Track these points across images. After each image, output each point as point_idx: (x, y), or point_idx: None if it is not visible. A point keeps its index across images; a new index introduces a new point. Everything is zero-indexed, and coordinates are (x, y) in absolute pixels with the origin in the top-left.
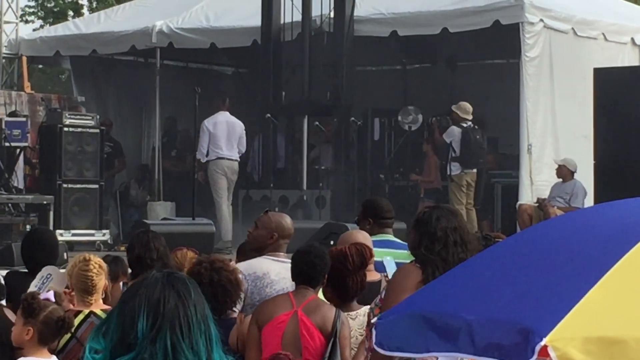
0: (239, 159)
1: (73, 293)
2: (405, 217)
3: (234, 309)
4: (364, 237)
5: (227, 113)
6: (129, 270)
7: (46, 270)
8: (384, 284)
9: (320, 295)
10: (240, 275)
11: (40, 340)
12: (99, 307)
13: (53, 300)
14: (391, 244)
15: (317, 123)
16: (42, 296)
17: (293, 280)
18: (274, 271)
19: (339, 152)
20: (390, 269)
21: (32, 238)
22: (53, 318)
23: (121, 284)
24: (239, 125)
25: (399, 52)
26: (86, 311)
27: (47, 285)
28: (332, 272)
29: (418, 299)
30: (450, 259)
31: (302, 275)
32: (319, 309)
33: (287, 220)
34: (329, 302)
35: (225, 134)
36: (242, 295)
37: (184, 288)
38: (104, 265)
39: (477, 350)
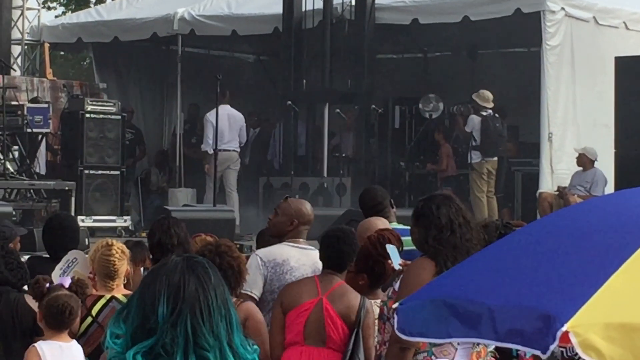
0: (238, 150)
1: (96, 278)
2: None
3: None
4: (383, 223)
5: (228, 106)
6: (150, 256)
7: (72, 254)
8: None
9: None
10: (253, 262)
11: (47, 324)
12: (120, 292)
13: (66, 286)
14: None
15: (337, 110)
16: (58, 281)
17: (321, 261)
18: (294, 258)
19: (359, 139)
20: (394, 256)
21: (53, 223)
22: (55, 304)
23: (142, 269)
24: (240, 117)
25: (420, 40)
26: (108, 296)
27: (72, 269)
28: (368, 258)
29: (439, 284)
30: (459, 243)
31: (330, 260)
32: (344, 297)
33: (307, 207)
34: (353, 290)
35: (227, 127)
36: (243, 284)
37: (204, 272)
38: (127, 250)
39: (498, 336)
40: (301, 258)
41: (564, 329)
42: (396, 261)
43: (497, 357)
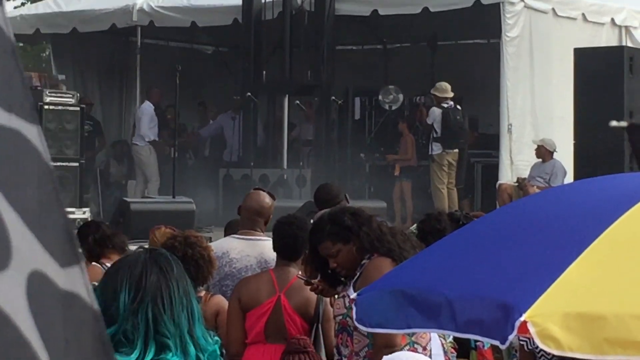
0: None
1: None
2: (385, 196)
3: (202, 287)
4: None
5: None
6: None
7: None
8: None
9: None
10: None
11: None
12: None
13: None
14: None
15: (297, 102)
16: None
17: (275, 252)
18: (235, 250)
19: (319, 131)
20: None
21: None
22: None
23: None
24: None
25: (379, 32)
26: None
27: None
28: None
29: (397, 275)
30: (393, 231)
31: (285, 249)
32: (301, 291)
33: (260, 197)
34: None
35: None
36: (214, 273)
37: (167, 264)
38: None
39: (458, 326)
40: (244, 249)
41: (522, 318)
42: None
43: (456, 348)
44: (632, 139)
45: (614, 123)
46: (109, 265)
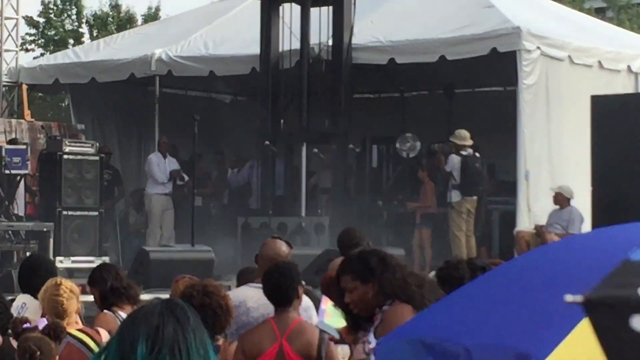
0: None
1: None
2: (403, 244)
3: (220, 335)
4: None
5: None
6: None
7: (20, 299)
8: None
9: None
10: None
11: None
12: (73, 328)
13: (40, 327)
14: None
15: (315, 150)
16: (37, 323)
17: (268, 299)
18: (252, 299)
19: (337, 179)
20: (329, 329)
21: (27, 265)
22: (21, 346)
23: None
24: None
25: (396, 80)
26: None
27: (22, 315)
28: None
29: (417, 324)
30: (418, 280)
31: (273, 296)
32: (302, 334)
33: (277, 247)
34: (311, 324)
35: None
36: (232, 322)
37: (183, 314)
38: (76, 289)
39: None
40: (262, 298)
41: None
42: (333, 332)
43: None
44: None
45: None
46: (120, 313)
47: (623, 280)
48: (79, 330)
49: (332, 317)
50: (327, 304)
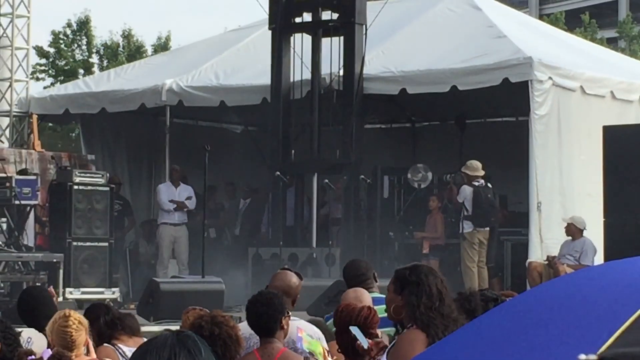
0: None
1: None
2: None
3: None
4: (361, 294)
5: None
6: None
7: (26, 333)
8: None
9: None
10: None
11: None
12: None
13: (45, 358)
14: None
15: (326, 181)
16: (42, 354)
17: (251, 329)
18: None
19: (348, 209)
20: (359, 336)
21: (24, 299)
22: None
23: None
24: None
25: (408, 110)
26: None
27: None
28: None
29: (430, 355)
30: (447, 312)
31: (255, 326)
32: None
33: (286, 277)
34: (295, 353)
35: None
36: (242, 353)
37: (195, 346)
38: (84, 321)
39: None
40: None
41: None
42: (363, 340)
43: None
44: None
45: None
46: (120, 346)
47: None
48: None
49: (310, 343)
50: (301, 333)
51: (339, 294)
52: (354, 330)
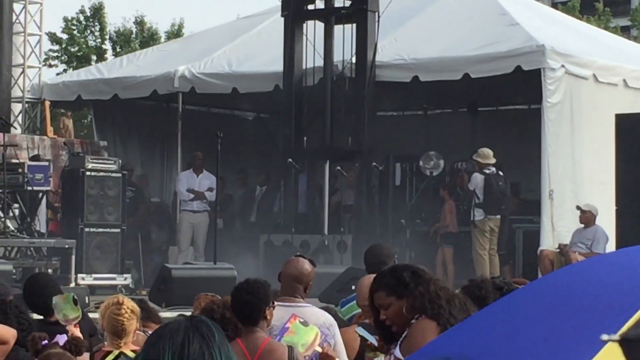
0: None
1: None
2: (426, 262)
3: None
4: None
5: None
6: None
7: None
8: None
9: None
10: None
11: None
12: (129, 348)
13: (61, 344)
14: None
15: (338, 168)
16: (54, 339)
17: (236, 317)
18: (274, 316)
19: (360, 197)
20: (367, 335)
21: (28, 285)
22: None
23: None
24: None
25: (420, 98)
26: (116, 352)
27: None
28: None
29: (443, 342)
30: (450, 299)
31: (239, 314)
32: (272, 353)
33: (299, 264)
34: (279, 342)
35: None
36: None
37: (208, 331)
38: (137, 309)
39: None
40: (284, 316)
41: None
42: (371, 338)
43: None
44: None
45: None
46: (148, 331)
47: None
48: (134, 351)
49: (295, 334)
50: (293, 321)
51: (350, 281)
52: (360, 331)
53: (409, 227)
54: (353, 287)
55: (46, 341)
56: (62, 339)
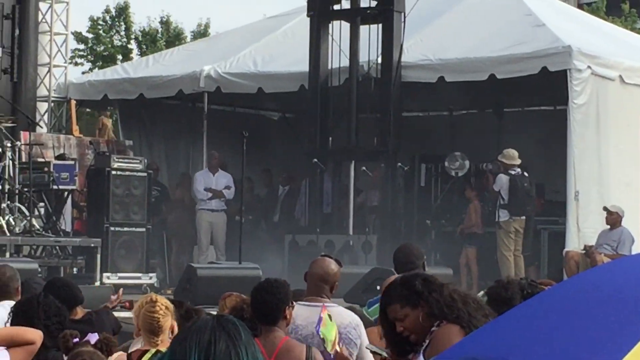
0: None
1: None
2: (451, 263)
3: None
4: None
5: None
6: None
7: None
8: None
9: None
10: None
11: None
12: (165, 346)
13: (92, 342)
14: None
15: (364, 168)
16: (86, 337)
17: (254, 316)
18: (301, 316)
19: (385, 197)
20: (378, 349)
21: (49, 288)
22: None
23: None
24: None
25: (446, 98)
26: (153, 350)
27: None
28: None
29: (468, 344)
30: (467, 300)
31: (257, 314)
32: (290, 353)
33: (325, 264)
34: (296, 342)
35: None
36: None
37: (235, 330)
38: (170, 306)
39: None
40: (310, 316)
41: None
42: (381, 351)
43: None
44: None
45: None
46: None
47: None
48: None
49: (326, 327)
50: (324, 312)
51: (375, 281)
52: (371, 347)
53: (434, 228)
54: (378, 287)
55: (77, 339)
56: (93, 337)
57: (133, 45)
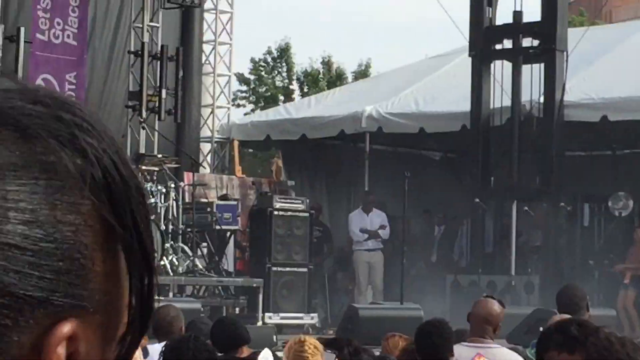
0: None
1: None
2: (614, 304)
3: None
4: None
5: None
6: None
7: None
8: None
9: None
10: None
11: None
12: None
13: None
14: None
15: (526, 208)
16: None
17: (417, 355)
18: (465, 358)
19: (547, 237)
20: None
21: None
22: None
23: None
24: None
25: (609, 137)
26: None
27: None
28: None
29: None
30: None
31: (423, 353)
32: None
33: (488, 305)
34: None
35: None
36: None
37: None
38: (319, 345)
39: None
40: (472, 356)
41: None
42: None
43: None
44: None
45: None
46: None
47: None
48: None
49: None
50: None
51: (538, 322)
52: None
53: (597, 269)
54: (541, 329)
55: None
56: None
57: (295, 86)
